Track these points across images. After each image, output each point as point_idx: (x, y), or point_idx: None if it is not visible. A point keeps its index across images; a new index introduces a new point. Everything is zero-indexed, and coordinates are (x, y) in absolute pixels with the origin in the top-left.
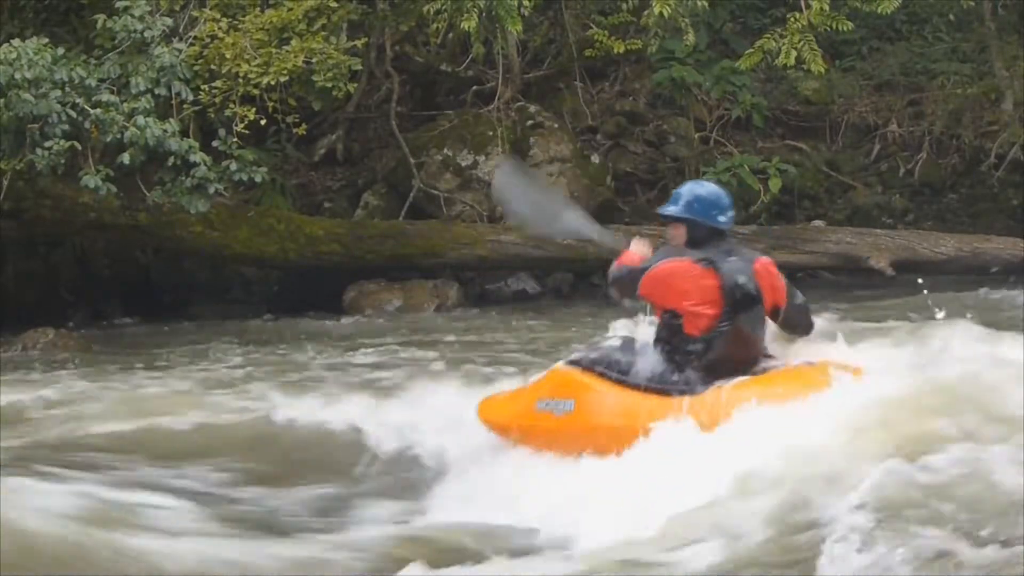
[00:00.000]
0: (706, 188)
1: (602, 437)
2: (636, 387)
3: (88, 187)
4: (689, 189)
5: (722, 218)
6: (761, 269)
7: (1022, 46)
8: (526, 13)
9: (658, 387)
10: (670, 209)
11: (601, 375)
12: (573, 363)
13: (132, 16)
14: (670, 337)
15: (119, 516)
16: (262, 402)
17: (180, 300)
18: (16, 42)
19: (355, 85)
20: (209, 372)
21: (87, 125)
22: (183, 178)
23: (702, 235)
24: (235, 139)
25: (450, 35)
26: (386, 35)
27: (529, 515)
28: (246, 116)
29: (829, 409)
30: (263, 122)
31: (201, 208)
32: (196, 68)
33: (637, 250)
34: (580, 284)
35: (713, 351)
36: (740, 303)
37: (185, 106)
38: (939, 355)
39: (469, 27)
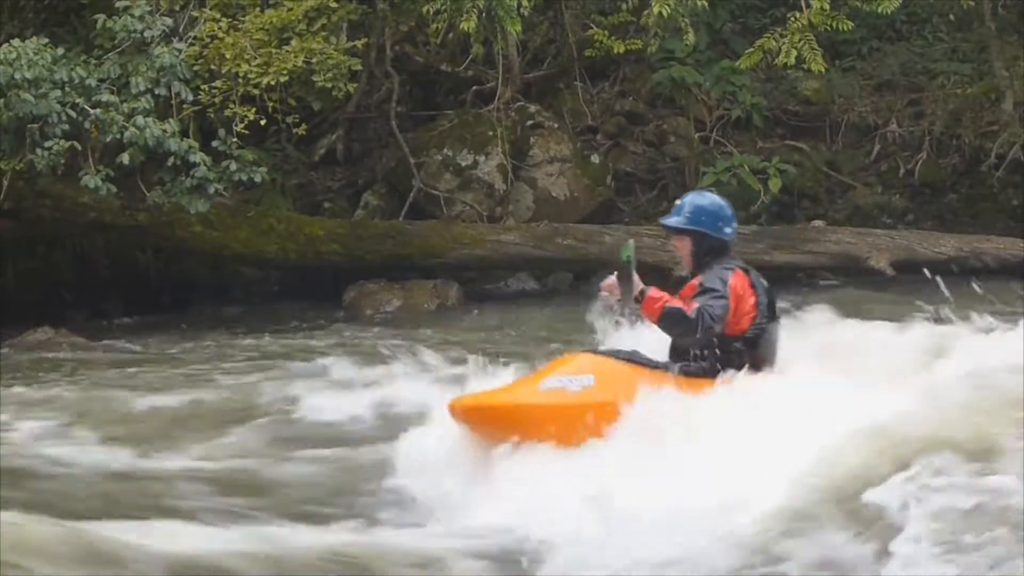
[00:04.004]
0: (708, 199)
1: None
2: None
3: (88, 187)
4: (691, 200)
5: (727, 229)
6: None
7: (1022, 46)
8: (525, 13)
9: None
10: (674, 220)
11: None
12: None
13: (132, 16)
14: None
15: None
16: (261, 402)
17: (180, 300)
18: (16, 42)
19: (355, 85)
20: (209, 372)
21: (87, 125)
22: (183, 178)
23: (708, 247)
24: (235, 139)
25: (450, 35)
26: (386, 35)
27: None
28: (246, 116)
29: None
30: (263, 122)
31: (201, 208)
32: (196, 68)
33: (653, 292)
34: (580, 284)
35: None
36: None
37: (185, 106)
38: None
39: (468, 27)
